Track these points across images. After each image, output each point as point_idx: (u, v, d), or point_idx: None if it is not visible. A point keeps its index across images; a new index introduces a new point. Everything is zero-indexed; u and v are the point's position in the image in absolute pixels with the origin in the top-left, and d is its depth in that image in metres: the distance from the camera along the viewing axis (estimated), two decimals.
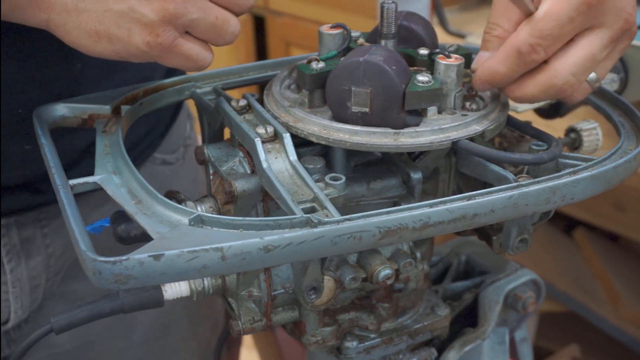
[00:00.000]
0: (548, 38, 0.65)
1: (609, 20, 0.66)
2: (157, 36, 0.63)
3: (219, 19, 0.65)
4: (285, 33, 2.23)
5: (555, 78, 0.67)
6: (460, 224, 0.62)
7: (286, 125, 0.69)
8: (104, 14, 0.63)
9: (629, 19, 0.67)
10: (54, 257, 0.93)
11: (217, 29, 0.66)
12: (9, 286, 0.90)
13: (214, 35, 0.66)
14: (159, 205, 0.62)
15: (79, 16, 0.63)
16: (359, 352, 0.78)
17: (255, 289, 0.72)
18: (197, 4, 0.63)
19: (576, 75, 0.67)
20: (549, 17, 0.65)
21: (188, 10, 0.63)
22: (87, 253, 0.55)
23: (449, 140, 0.67)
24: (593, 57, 0.67)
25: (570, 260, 1.87)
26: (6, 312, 0.91)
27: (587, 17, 0.66)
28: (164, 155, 1.03)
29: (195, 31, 0.65)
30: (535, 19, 0.66)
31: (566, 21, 0.65)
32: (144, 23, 0.63)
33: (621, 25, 0.67)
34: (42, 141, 0.69)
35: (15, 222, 0.88)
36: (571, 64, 0.67)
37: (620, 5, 0.66)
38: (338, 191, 0.65)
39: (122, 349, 1.02)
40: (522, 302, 0.85)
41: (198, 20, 0.64)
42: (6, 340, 0.94)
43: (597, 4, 0.65)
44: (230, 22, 0.66)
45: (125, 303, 0.68)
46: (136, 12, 0.62)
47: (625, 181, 0.69)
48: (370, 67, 0.65)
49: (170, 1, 0.62)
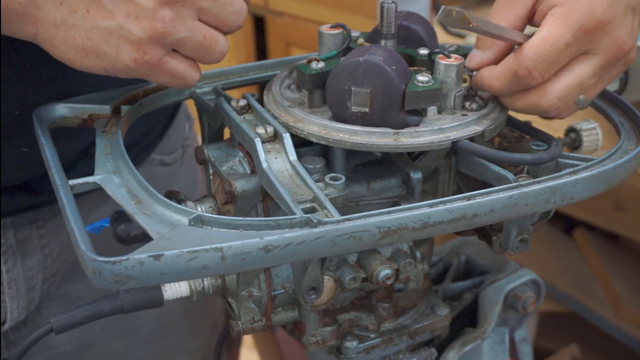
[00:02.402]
0: (545, 63, 0.67)
1: (603, 47, 0.67)
2: (144, 54, 0.63)
3: (207, 38, 0.65)
4: (285, 33, 2.23)
5: (543, 99, 0.69)
6: (460, 224, 0.62)
7: (286, 125, 0.69)
8: (92, 30, 0.63)
9: (623, 47, 0.68)
10: (51, 258, 0.93)
11: (205, 48, 0.66)
12: (5, 287, 0.90)
13: (202, 54, 0.66)
14: (158, 205, 0.62)
15: (67, 31, 0.63)
16: (359, 352, 0.78)
17: (255, 289, 0.72)
18: (185, 23, 0.64)
19: (563, 100, 0.69)
20: (547, 42, 0.66)
21: (176, 30, 0.63)
22: (87, 253, 0.55)
23: (449, 140, 0.67)
24: (582, 83, 0.68)
25: (570, 260, 1.87)
26: (2, 313, 0.91)
27: (584, 43, 0.67)
28: (162, 156, 1.03)
29: (183, 50, 0.65)
30: (534, 43, 0.67)
31: (563, 47, 0.66)
32: (131, 41, 0.63)
33: (614, 53, 0.68)
34: (42, 141, 0.69)
35: (11, 223, 0.88)
36: (560, 88, 0.68)
37: (617, 34, 0.67)
38: (338, 191, 0.65)
39: (123, 349, 1.02)
40: (522, 302, 0.85)
41: (186, 40, 0.64)
42: (5, 342, 0.94)
43: (593, 30, 0.66)
44: (218, 42, 0.66)
45: (125, 303, 0.68)
46: (124, 29, 0.62)
47: (625, 181, 0.69)
48: (370, 67, 0.65)
49: (159, 20, 0.62)
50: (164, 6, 0.62)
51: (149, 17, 0.62)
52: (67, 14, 0.63)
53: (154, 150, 1.00)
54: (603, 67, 0.68)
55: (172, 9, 0.62)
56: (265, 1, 2.23)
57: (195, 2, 0.63)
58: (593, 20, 0.65)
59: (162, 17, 0.62)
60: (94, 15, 0.62)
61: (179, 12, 0.63)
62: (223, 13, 0.65)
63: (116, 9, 0.62)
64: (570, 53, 0.67)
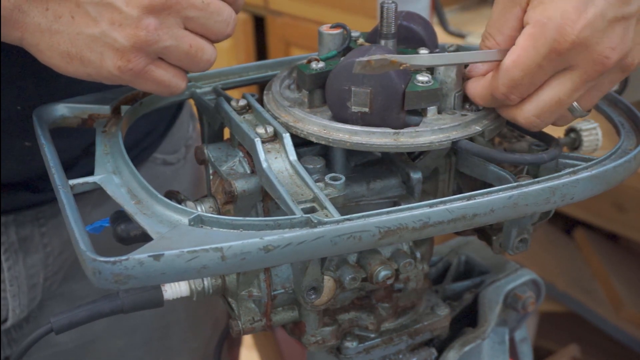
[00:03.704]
0: (519, 87, 0.66)
1: (582, 62, 0.64)
2: (128, 62, 0.63)
3: (193, 47, 0.65)
4: (285, 33, 2.23)
5: (520, 116, 0.68)
6: (460, 224, 0.62)
7: (286, 125, 0.69)
8: (76, 37, 0.63)
9: (604, 62, 0.64)
10: (52, 256, 0.93)
11: (191, 57, 0.66)
12: (7, 284, 0.90)
13: (188, 63, 0.66)
14: (158, 205, 0.62)
15: (52, 37, 0.64)
16: (359, 352, 0.78)
17: (255, 289, 0.72)
18: (171, 32, 0.63)
19: (540, 117, 0.67)
20: (517, 68, 0.65)
21: (160, 38, 0.63)
22: (87, 253, 0.55)
23: (448, 140, 0.67)
24: (559, 101, 0.66)
25: (570, 260, 1.87)
26: (4, 310, 0.91)
27: (558, 63, 0.64)
28: (165, 155, 1.03)
29: (169, 58, 0.65)
30: (505, 68, 0.65)
31: (535, 69, 0.64)
32: (115, 48, 0.63)
33: (595, 68, 0.64)
34: (42, 141, 0.69)
35: (13, 221, 0.88)
36: (536, 107, 0.67)
37: (597, 49, 0.63)
38: (338, 191, 0.65)
39: (124, 348, 1.03)
40: (522, 302, 0.85)
41: (171, 48, 0.64)
42: (7, 339, 0.95)
43: (567, 51, 0.63)
44: (205, 50, 0.66)
45: (125, 303, 0.68)
46: (108, 37, 0.63)
47: (625, 181, 0.69)
48: None
49: (142, 28, 0.62)
50: (148, 14, 0.62)
51: (133, 25, 0.62)
52: (52, 20, 0.63)
53: (156, 149, 1.01)
54: (584, 82, 0.66)
55: (156, 17, 0.62)
56: (265, 1, 2.23)
57: (181, 11, 0.63)
58: (564, 41, 0.63)
59: (146, 26, 0.62)
60: (78, 22, 0.63)
61: (164, 20, 0.63)
62: (210, 22, 0.65)
63: (100, 17, 0.62)
64: (546, 73, 0.65)
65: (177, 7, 0.63)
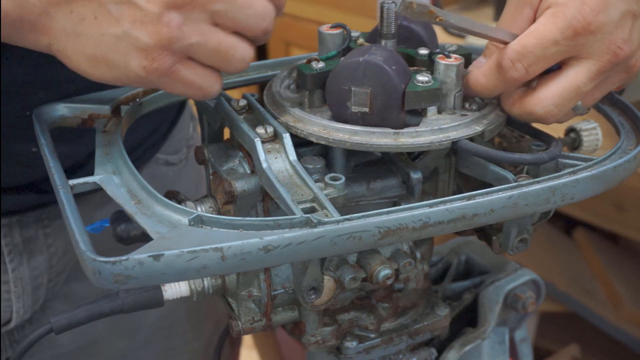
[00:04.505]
0: (529, 56, 0.65)
1: (596, 51, 0.66)
2: (152, 61, 0.60)
3: (223, 44, 0.61)
4: (285, 33, 2.23)
5: (538, 106, 0.68)
6: (460, 224, 0.62)
7: (286, 125, 0.69)
8: (100, 39, 0.60)
9: (618, 52, 0.66)
10: (56, 257, 0.93)
11: (222, 55, 0.62)
12: (11, 285, 0.90)
13: (219, 62, 0.62)
14: (158, 205, 0.62)
15: (77, 40, 0.61)
16: (359, 352, 0.78)
17: (255, 289, 0.72)
18: (196, 27, 0.60)
19: (559, 107, 0.67)
20: (532, 35, 0.65)
21: (185, 35, 0.60)
22: (87, 253, 0.55)
23: (448, 140, 0.67)
24: (577, 88, 0.67)
25: (570, 260, 1.87)
26: (8, 311, 0.91)
27: (573, 44, 0.65)
28: (167, 156, 1.03)
29: (198, 57, 0.62)
30: (520, 37, 0.66)
31: (550, 43, 0.65)
32: (139, 47, 0.60)
33: (608, 58, 0.66)
34: (42, 141, 0.69)
35: (17, 222, 0.88)
36: (555, 94, 0.67)
37: (610, 39, 0.66)
38: (338, 191, 0.65)
39: (126, 349, 1.03)
40: (522, 302, 0.85)
41: (198, 46, 0.60)
42: (9, 340, 0.94)
43: (583, 32, 0.64)
44: (237, 48, 0.62)
45: (125, 303, 0.68)
46: (130, 36, 0.60)
47: (625, 181, 0.69)
48: (370, 67, 0.65)
49: (164, 25, 0.59)
50: (170, 10, 0.59)
51: (154, 22, 0.59)
52: (77, 23, 0.60)
53: (159, 150, 1.00)
54: (599, 73, 0.67)
55: (180, 12, 0.59)
56: None
57: (207, 5, 0.60)
58: (582, 20, 0.64)
59: (167, 22, 0.59)
60: (101, 23, 0.60)
61: (189, 16, 0.60)
62: (241, 16, 0.61)
63: (122, 15, 0.59)
64: (558, 51, 0.66)
65: (201, 1, 0.59)
